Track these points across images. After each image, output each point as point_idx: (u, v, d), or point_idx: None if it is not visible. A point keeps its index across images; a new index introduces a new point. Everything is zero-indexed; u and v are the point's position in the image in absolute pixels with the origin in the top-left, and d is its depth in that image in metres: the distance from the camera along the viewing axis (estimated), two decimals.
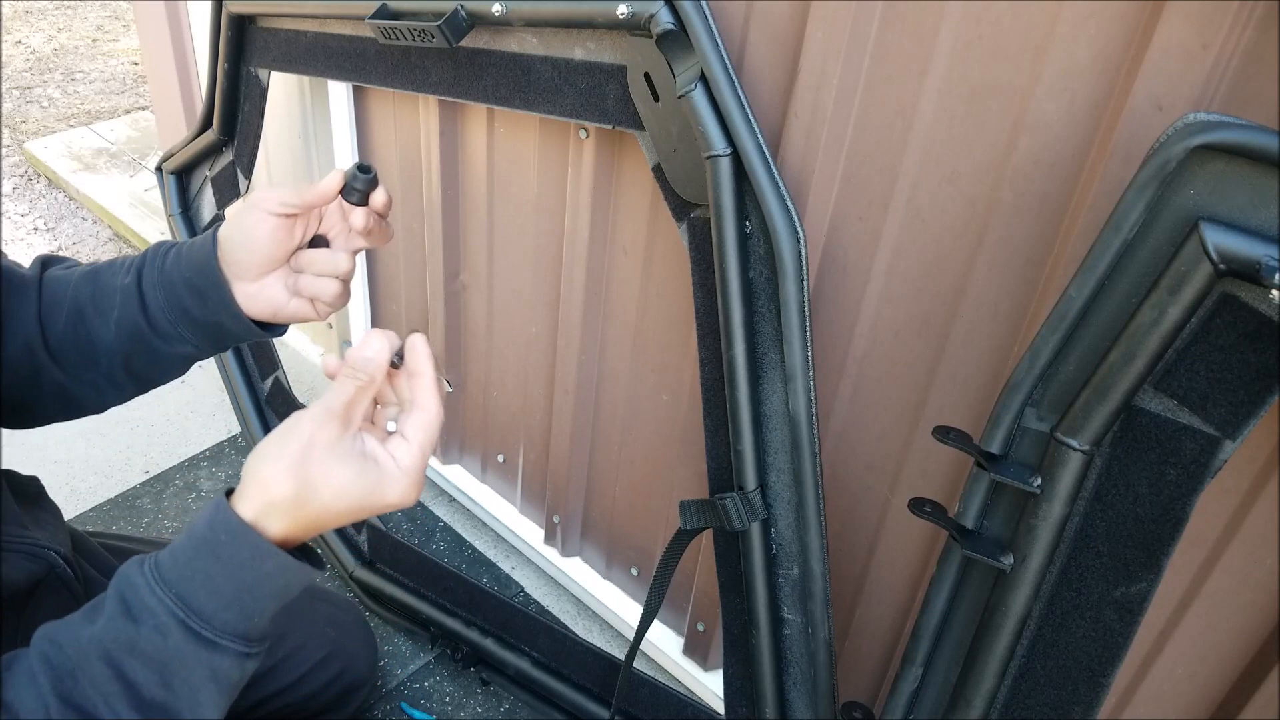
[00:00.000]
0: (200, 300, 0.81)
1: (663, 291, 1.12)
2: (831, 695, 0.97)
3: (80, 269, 0.85)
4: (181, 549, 0.62)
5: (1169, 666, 0.86)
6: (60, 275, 0.85)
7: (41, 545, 0.83)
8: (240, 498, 0.63)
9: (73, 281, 0.83)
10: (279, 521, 0.62)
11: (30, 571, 0.80)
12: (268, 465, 0.62)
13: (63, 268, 0.87)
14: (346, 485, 0.62)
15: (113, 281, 0.82)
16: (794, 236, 0.84)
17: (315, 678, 1.16)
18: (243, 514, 0.62)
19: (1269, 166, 0.57)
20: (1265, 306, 0.60)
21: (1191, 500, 0.67)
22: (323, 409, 0.63)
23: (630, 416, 1.27)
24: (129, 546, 1.09)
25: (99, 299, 0.82)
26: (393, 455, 0.65)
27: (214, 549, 0.61)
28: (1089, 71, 0.69)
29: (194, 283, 0.80)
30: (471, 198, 1.33)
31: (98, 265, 0.85)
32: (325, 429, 0.62)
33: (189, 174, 1.60)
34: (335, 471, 0.62)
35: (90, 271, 0.84)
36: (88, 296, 0.82)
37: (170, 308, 0.81)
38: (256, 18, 1.33)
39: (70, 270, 0.86)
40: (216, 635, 0.61)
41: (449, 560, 1.62)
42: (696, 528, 0.99)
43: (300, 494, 0.61)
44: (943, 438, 0.79)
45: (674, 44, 0.86)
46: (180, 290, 0.81)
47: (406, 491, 0.65)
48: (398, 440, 0.66)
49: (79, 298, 0.82)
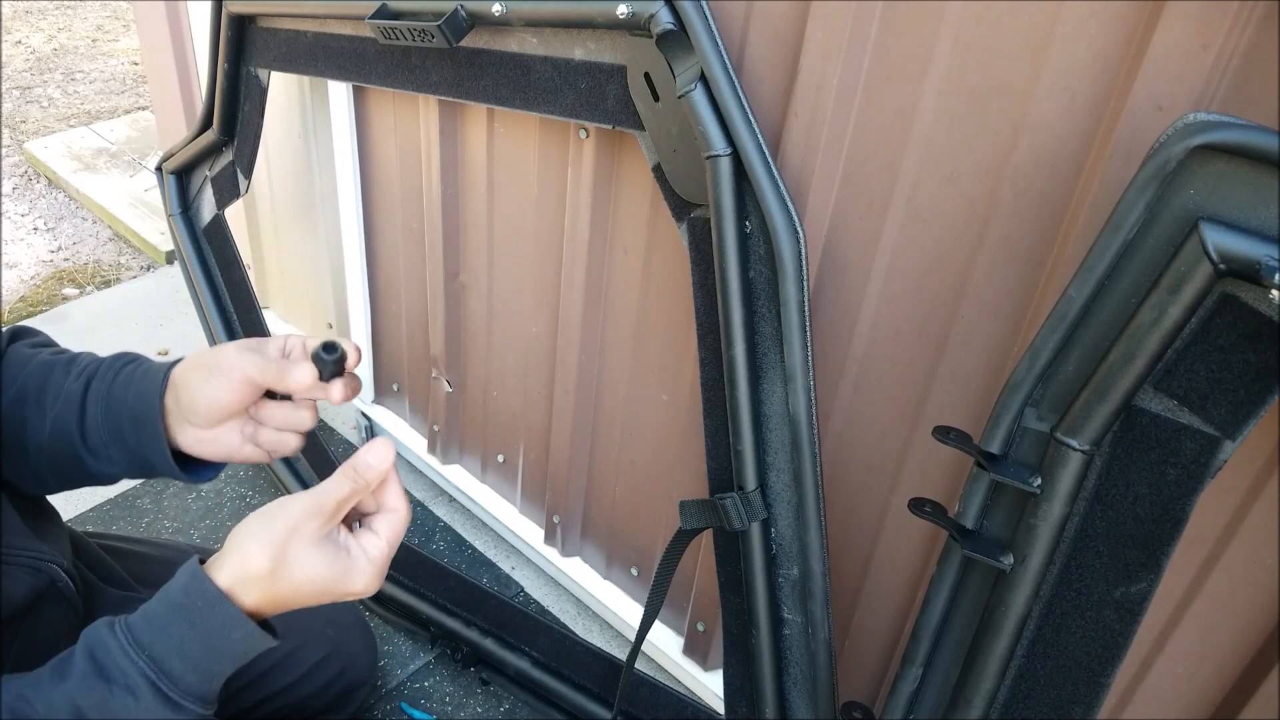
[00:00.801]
0: (136, 431, 0.79)
1: (663, 291, 1.12)
2: (831, 695, 0.97)
3: (41, 357, 0.84)
4: (155, 613, 0.66)
5: (1169, 666, 0.86)
6: (22, 355, 0.83)
7: (44, 559, 0.82)
8: (218, 566, 0.66)
9: (28, 367, 0.82)
10: (251, 594, 0.66)
11: (31, 585, 0.80)
12: (251, 542, 0.66)
13: (30, 344, 0.86)
14: (318, 572, 0.67)
15: (62, 381, 0.81)
16: (794, 236, 0.84)
17: (315, 678, 1.16)
18: (219, 582, 0.65)
19: (1269, 166, 0.57)
20: (1265, 306, 0.60)
21: (1191, 500, 0.67)
22: (315, 502, 0.68)
23: (630, 416, 1.27)
24: (129, 548, 1.09)
25: (44, 394, 0.81)
26: (364, 548, 0.70)
27: (189, 614, 0.65)
28: (1089, 71, 0.69)
29: (135, 412, 0.79)
30: (471, 198, 1.33)
31: (58, 357, 0.84)
32: (312, 521, 0.67)
33: (189, 174, 1.60)
34: (311, 559, 0.67)
35: (48, 362, 0.83)
36: (35, 387, 0.81)
37: (106, 427, 0.80)
38: (256, 18, 1.33)
39: (36, 351, 0.84)
40: (180, 697, 0.65)
41: (449, 560, 1.62)
42: (696, 528, 0.99)
43: (275, 572, 0.66)
44: (943, 438, 0.79)
45: (674, 44, 0.86)
46: (119, 414, 0.79)
47: (370, 582, 0.70)
48: (369, 535, 0.71)
49: (27, 385, 0.81)
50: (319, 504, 0.68)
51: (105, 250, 2.49)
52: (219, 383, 0.76)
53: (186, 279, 1.61)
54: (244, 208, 1.89)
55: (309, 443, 1.60)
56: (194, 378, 0.77)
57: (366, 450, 0.71)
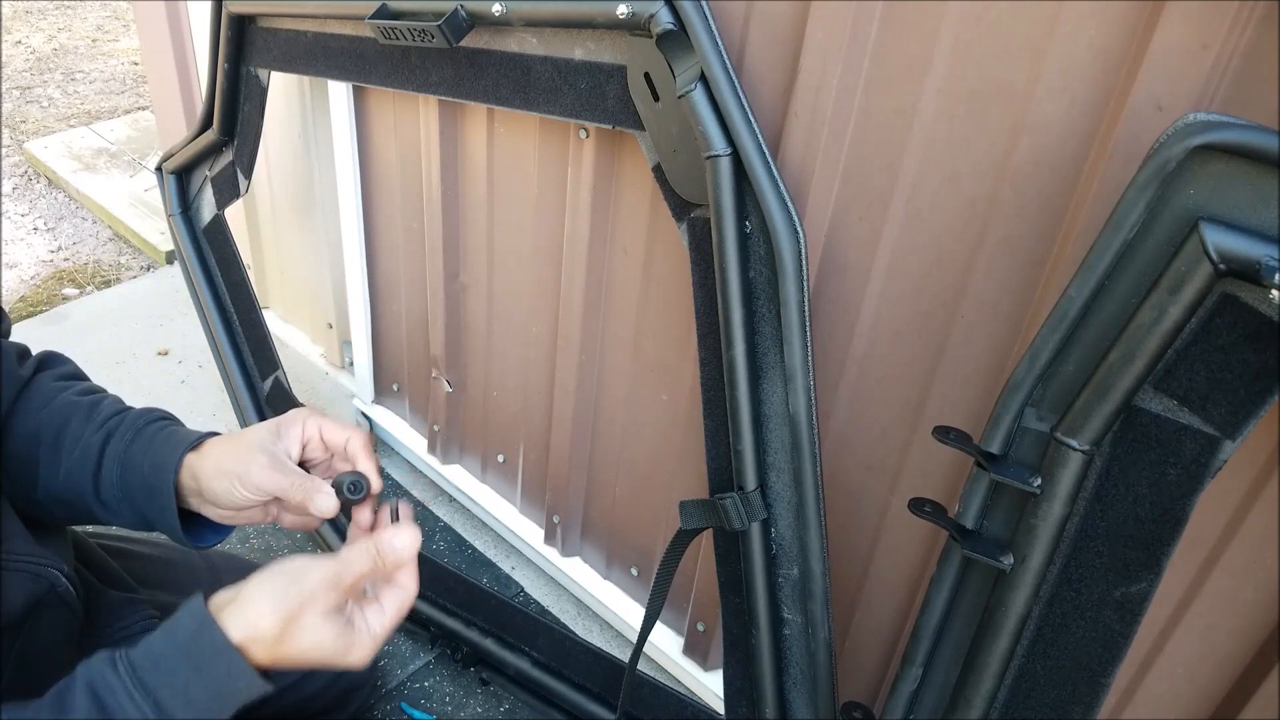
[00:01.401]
0: (148, 499, 0.80)
1: (663, 291, 1.12)
2: (831, 695, 0.97)
3: (65, 396, 0.84)
4: (161, 653, 0.67)
5: (1169, 666, 0.86)
6: (46, 389, 0.84)
7: (45, 564, 0.82)
8: (229, 616, 0.68)
9: (51, 405, 0.83)
10: (257, 651, 0.68)
11: (31, 591, 0.80)
12: (266, 603, 0.68)
13: (56, 376, 0.87)
14: (323, 643, 0.69)
15: (82, 429, 0.82)
16: (794, 236, 0.84)
17: (315, 678, 1.16)
18: (230, 635, 0.67)
19: (1269, 166, 0.57)
20: (1265, 306, 0.60)
21: (1191, 500, 0.67)
22: (334, 575, 0.69)
23: (630, 416, 1.27)
24: (130, 548, 1.09)
25: (62, 439, 0.82)
26: (368, 623, 0.72)
27: (196, 661, 0.66)
28: (1089, 71, 0.69)
29: (149, 481, 0.80)
30: (471, 198, 1.33)
31: (81, 400, 0.84)
32: (329, 594, 0.69)
33: (189, 174, 1.60)
34: (320, 630, 0.69)
35: (71, 404, 0.83)
36: (53, 429, 0.82)
37: (119, 487, 0.80)
38: (256, 18, 1.33)
39: (62, 386, 0.85)
40: None
41: (449, 560, 1.62)
42: (697, 528, 0.99)
43: (284, 638, 0.68)
44: (943, 438, 0.79)
45: (674, 44, 0.86)
46: (133, 480, 0.80)
47: (367, 657, 0.72)
48: (375, 610, 0.73)
49: (44, 426, 0.82)
50: (338, 577, 0.70)
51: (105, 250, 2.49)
52: (242, 496, 0.78)
53: (186, 279, 1.61)
54: (244, 208, 1.89)
55: None
56: (217, 486, 0.78)
57: (395, 535, 0.73)
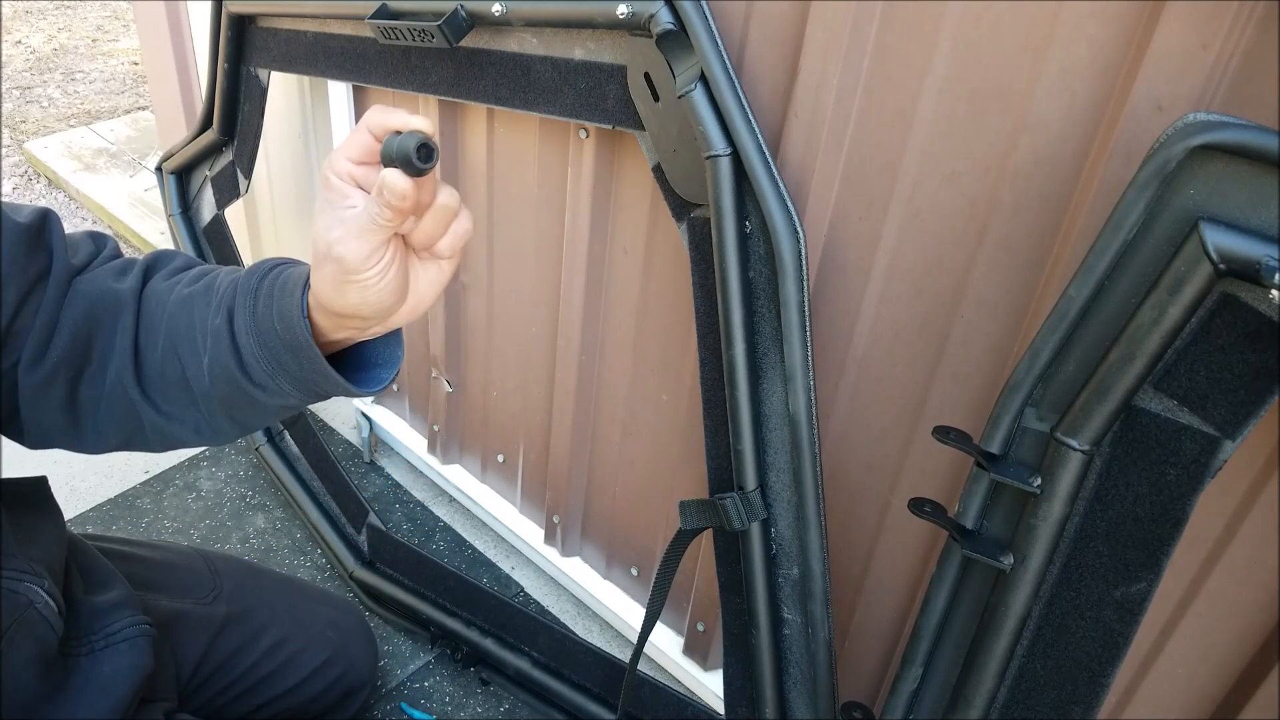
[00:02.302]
0: (294, 359, 0.69)
1: (663, 291, 1.12)
2: (831, 695, 0.97)
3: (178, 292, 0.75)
4: None
5: (1169, 666, 0.86)
6: (160, 292, 0.76)
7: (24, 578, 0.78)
8: None
9: (168, 310, 0.74)
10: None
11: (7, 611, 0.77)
12: None
13: (166, 275, 0.78)
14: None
15: (205, 317, 0.73)
16: (794, 236, 0.84)
17: (316, 681, 1.16)
18: None
19: (1269, 166, 0.57)
20: (1265, 306, 0.60)
21: (1191, 500, 0.67)
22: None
23: (630, 416, 1.27)
24: (130, 550, 1.09)
25: (192, 336, 0.73)
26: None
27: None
28: (1089, 71, 0.69)
29: (285, 341, 0.69)
30: (471, 198, 1.33)
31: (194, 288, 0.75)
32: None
33: (189, 174, 1.60)
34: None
35: (186, 297, 0.74)
36: (182, 331, 0.73)
37: (265, 359, 0.70)
38: (256, 18, 1.33)
39: (173, 282, 0.76)
40: None
41: (449, 560, 1.62)
42: (697, 528, 0.99)
43: None
44: (943, 438, 0.79)
45: (674, 44, 0.86)
46: (273, 343, 0.70)
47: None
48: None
49: (174, 331, 0.74)
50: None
51: None
52: (348, 281, 0.63)
53: None
54: (244, 208, 1.89)
55: (309, 440, 1.61)
56: (327, 295, 0.65)
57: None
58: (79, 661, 0.86)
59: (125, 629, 0.90)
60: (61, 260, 0.74)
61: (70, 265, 0.75)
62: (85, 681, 0.85)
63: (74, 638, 0.86)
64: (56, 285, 0.74)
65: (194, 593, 1.09)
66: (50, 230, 0.74)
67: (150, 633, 0.91)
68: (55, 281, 0.74)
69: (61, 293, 0.74)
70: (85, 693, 0.85)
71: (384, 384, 0.74)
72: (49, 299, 0.73)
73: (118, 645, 0.88)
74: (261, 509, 1.69)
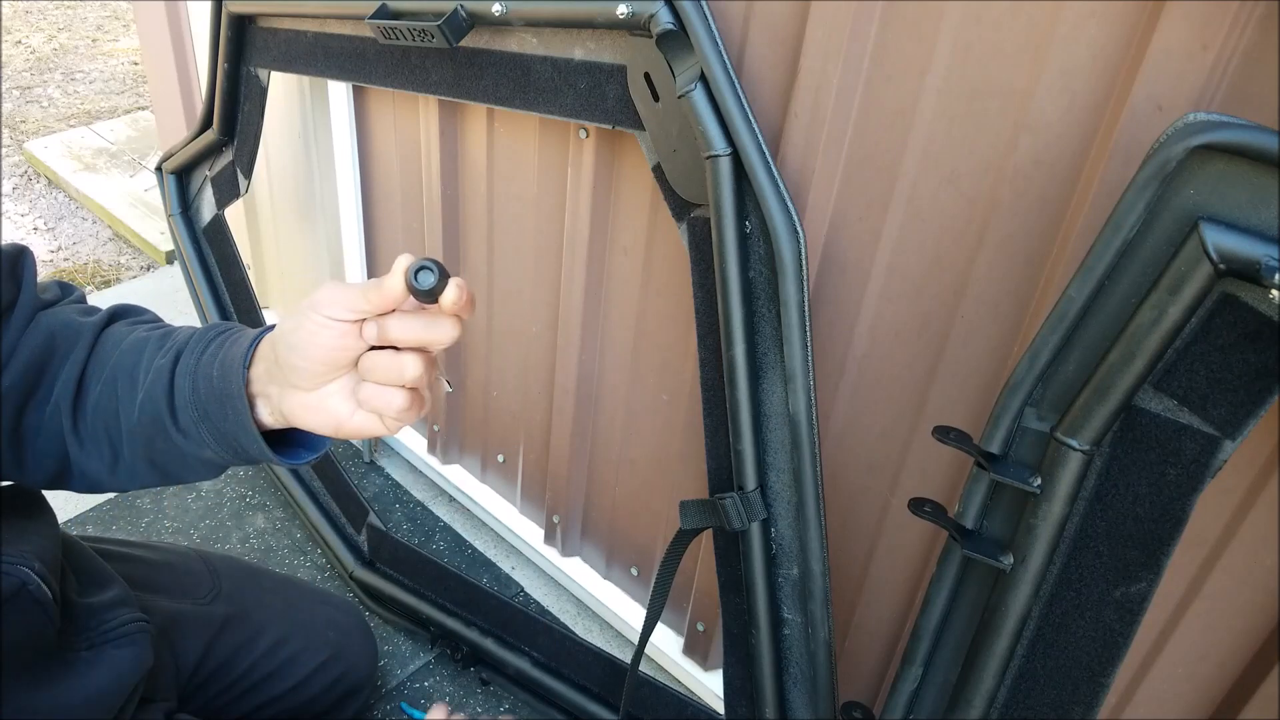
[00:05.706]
0: (220, 408, 0.70)
1: (663, 291, 1.12)
2: (831, 695, 0.97)
3: (137, 335, 0.77)
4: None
5: (1169, 666, 0.86)
6: (119, 332, 0.77)
7: (14, 562, 0.78)
8: None
9: (121, 347, 0.75)
10: None
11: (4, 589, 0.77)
12: None
13: (129, 323, 0.79)
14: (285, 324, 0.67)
15: (153, 357, 0.74)
16: (794, 236, 0.84)
17: (316, 681, 1.16)
18: None
19: (1269, 166, 0.57)
20: (1265, 306, 0.60)
21: (1191, 500, 0.67)
22: None
23: (630, 416, 1.27)
24: (129, 551, 1.09)
25: (135, 373, 0.74)
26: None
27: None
28: (1089, 71, 0.69)
29: (219, 388, 0.70)
30: (471, 198, 1.33)
31: (152, 333, 0.76)
32: None
33: (189, 174, 1.60)
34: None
35: (141, 339, 0.76)
36: (127, 368, 0.74)
37: (193, 405, 0.71)
38: (256, 18, 1.33)
39: (134, 328, 0.78)
40: None
41: (449, 560, 1.62)
42: (697, 528, 0.99)
43: None
44: (943, 438, 0.79)
45: (674, 44, 0.86)
46: (204, 390, 0.70)
47: None
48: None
49: (119, 366, 0.75)
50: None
51: (105, 250, 2.49)
52: (312, 323, 0.64)
53: (186, 279, 1.61)
54: (244, 208, 1.89)
55: None
56: (284, 329, 0.67)
57: None
58: (80, 655, 0.86)
59: (125, 625, 0.90)
60: (30, 293, 0.77)
61: (39, 299, 0.78)
62: (89, 668, 0.85)
63: (73, 634, 0.86)
64: (21, 314, 0.76)
65: (193, 593, 1.09)
66: (24, 265, 0.77)
67: (149, 629, 0.91)
68: (21, 311, 0.76)
69: (25, 322, 0.76)
70: (90, 679, 0.85)
71: (303, 462, 0.76)
72: (13, 327, 0.75)
73: (118, 639, 0.88)
74: (261, 509, 1.69)
